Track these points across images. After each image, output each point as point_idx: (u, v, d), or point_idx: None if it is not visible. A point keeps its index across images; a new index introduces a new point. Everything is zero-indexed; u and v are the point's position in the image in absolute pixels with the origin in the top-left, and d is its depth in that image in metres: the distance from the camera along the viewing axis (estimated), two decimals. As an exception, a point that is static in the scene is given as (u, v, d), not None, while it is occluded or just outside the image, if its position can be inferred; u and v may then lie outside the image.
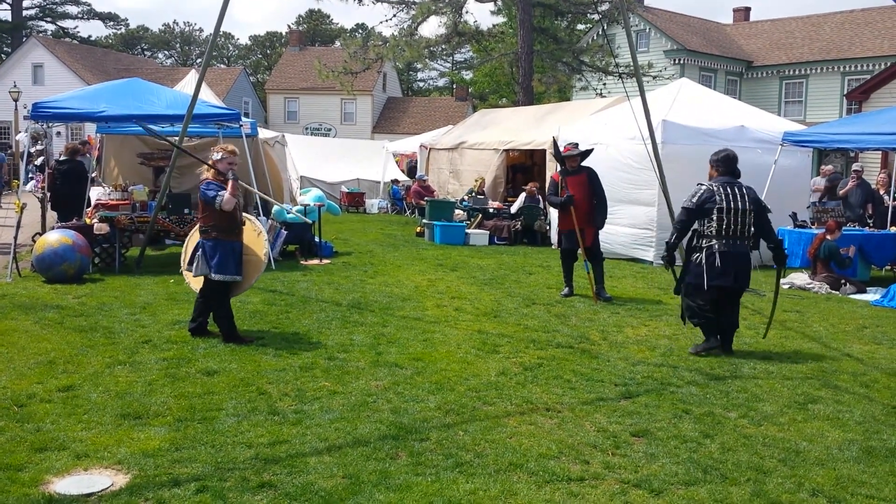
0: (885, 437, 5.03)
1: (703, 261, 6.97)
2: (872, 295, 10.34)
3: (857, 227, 12.37)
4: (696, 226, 7.11)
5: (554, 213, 13.01)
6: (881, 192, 14.24)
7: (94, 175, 13.01)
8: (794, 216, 12.34)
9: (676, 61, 33.11)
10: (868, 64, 30.82)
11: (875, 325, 8.57)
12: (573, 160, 9.65)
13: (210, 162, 6.98)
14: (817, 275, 10.91)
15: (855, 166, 15.06)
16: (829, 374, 6.50)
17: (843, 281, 10.71)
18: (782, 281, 11.13)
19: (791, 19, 36.91)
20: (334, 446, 4.57)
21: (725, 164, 7.16)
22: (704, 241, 7.00)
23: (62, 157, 13.16)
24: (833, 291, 10.58)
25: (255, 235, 7.34)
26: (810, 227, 12.09)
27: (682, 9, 78.49)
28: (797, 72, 33.25)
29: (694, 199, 7.04)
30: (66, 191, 12.30)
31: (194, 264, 6.96)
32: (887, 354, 7.27)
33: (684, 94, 13.93)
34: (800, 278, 11.06)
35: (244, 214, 7.32)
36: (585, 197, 9.55)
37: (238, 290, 7.32)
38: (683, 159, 11.43)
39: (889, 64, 27.16)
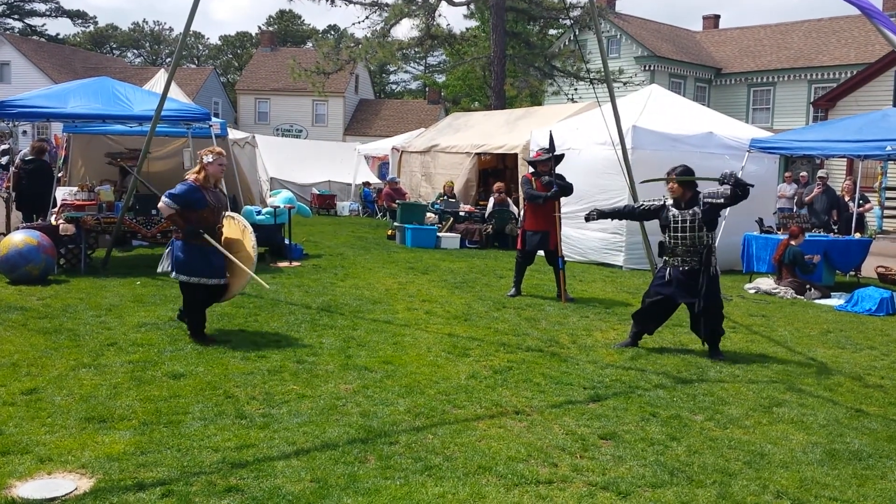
0: (849, 440, 5.11)
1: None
2: (837, 300, 10.50)
3: (822, 234, 12.55)
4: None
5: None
6: (846, 198, 14.47)
7: (60, 175, 12.84)
8: (760, 222, 12.50)
9: (647, 68, 33.43)
10: (834, 72, 31.33)
11: (839, 330, 8.71)
12: (545, 165, 9.79)
13: (200, 164, 6.84)
14: (783, 280, 11.07)
15: (820, 173, 15.32)
16: (794, 377, 6.59)
17: (808, 286, 10.87)
18: (748, 286, 11.33)
19: (759, 27, 37.45)
20: (302, 450, 4.54)
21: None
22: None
23: (28, 157, 12.96)
24: (798, 296, 10.74)
25: (241, 231, 7.26)
26: (776, 233, 12.26)
27: (653, 16, 79.62)
28: (765, 79, 33.73)
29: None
30: (31, 190, 12.10)
31: (165, 262, 6.94)
32: (850, 359, 7.39)
33: (654, 101, 14.05)
34: (765, 283, 11.22)
35: (229, 213, 7.25)
36: (553, 203, 9.75)
37: (231, 292, 7.15)
38: (653, 165, 11.44)
39: (855, 72, 27.64)
